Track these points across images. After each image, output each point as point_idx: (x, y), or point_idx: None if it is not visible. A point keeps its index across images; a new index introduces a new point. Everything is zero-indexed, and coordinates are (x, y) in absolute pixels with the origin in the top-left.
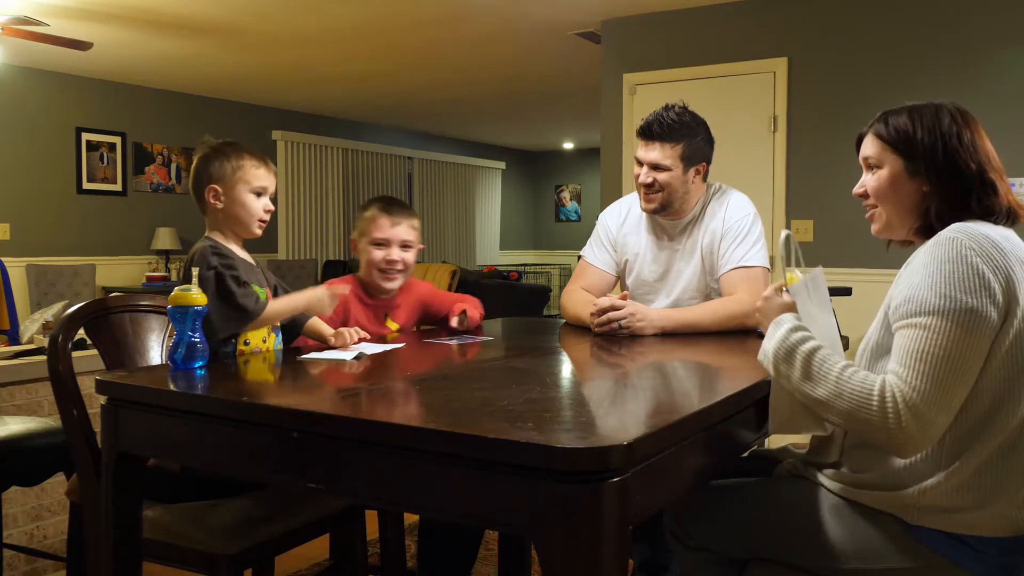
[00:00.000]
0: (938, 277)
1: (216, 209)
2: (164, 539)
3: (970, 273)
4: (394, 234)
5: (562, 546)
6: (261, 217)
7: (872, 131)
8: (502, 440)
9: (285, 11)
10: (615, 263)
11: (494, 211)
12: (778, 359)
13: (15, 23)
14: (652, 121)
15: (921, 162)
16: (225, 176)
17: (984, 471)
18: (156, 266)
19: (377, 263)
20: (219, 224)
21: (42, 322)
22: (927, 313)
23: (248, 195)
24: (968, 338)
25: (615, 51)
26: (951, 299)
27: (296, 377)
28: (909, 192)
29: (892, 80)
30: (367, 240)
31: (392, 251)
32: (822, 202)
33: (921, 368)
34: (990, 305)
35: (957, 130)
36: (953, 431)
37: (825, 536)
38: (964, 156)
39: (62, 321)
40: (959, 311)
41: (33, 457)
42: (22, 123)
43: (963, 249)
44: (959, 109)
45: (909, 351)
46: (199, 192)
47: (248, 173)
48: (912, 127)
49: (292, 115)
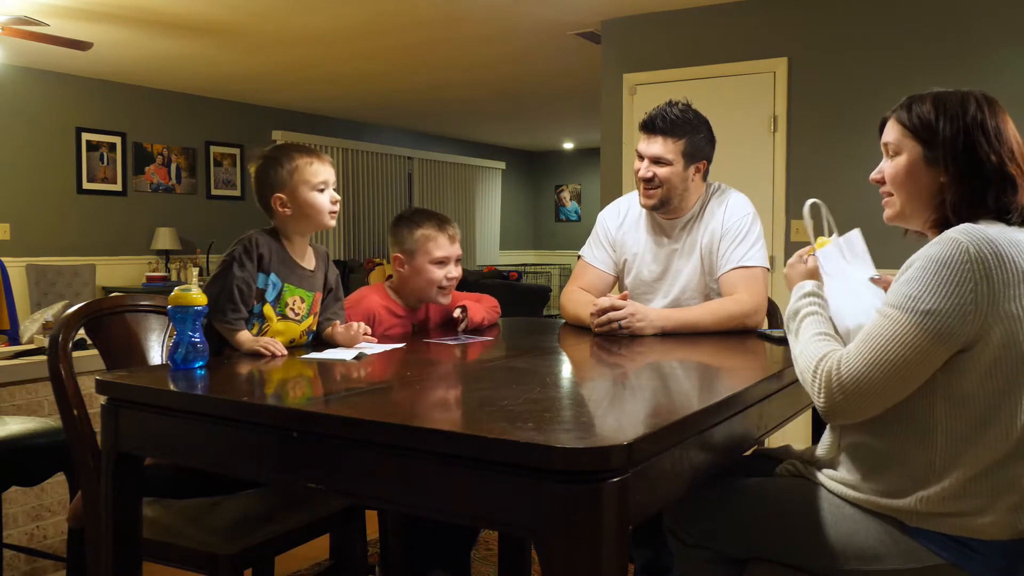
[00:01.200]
0: (920, 274)
1: (286, 215)
2: (164, 539)
3: (952, 279)
4: (453, 251)
5: (562, 546)
6: (330, 210)
7: (895, 116)
8: (502, 440)
9: (285, 11)
10: (614, 263)
11: (494, 211)
12: (788, 319)
13: (15, 23)
14: (655, 115)
15: (940, 151)
16: (285, 182)
17: (982, 479)
18: (156, 266)
19: (439, 281)
20: (288, 228)
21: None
22: (895, 306)
23: (311, 194)
24: (920, 342)
25: (615, 51)
26: (917, 299)
27: (296, 377)
28: (926, 182)
29: (892, 80)
30: (427, 259)
31: (451, 268)
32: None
33: (863, 350)
34: (956, 316)
35: (981, 119)
36: (946, 440)
37: (825, 537)
38: (985, 148)
39: (62, 321)
40: (919, 312)
41: (33, 457)
42: (22, 123)
43: (959, 253)
44: (986, 97)
45: (864, 332)
46: (265, 204)
47: (305, 173)
48: (935, 115)
49: (292, 115)
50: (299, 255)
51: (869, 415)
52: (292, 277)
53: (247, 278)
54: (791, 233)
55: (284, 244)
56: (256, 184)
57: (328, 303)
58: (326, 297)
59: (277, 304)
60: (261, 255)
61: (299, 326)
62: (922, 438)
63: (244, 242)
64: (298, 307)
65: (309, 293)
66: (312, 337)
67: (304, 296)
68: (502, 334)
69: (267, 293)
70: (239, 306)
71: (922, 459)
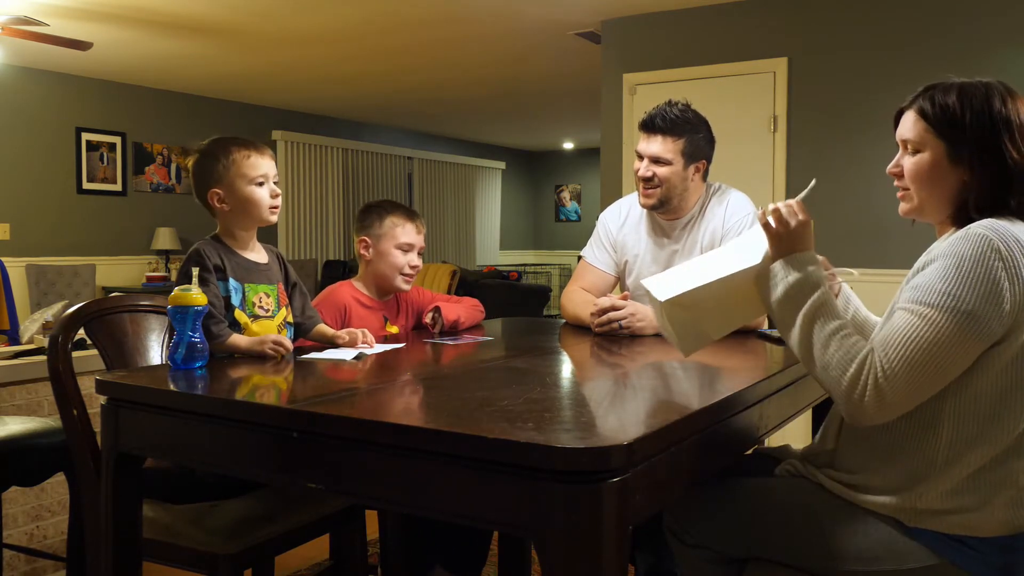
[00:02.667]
0: (953, 272)
1: (225, 212)
2: (164, 539)
3: (986, 278)
4: (419, 240)
5: (562, 546)
6: (270, 204)
7: (915, 108)
8: (502, 440)
9: (285, 11)
10: (615, 263)
11: (494, 211)
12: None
13: (15, 23)
14: (655, 115)
15: (966, 149)
16: (221, 177)
17: (981, 475)
18: (156, 266)
19: (402, 267)
20: (229, 225)
21: (42, 322)
22: (929, 304)
23: (249, 188)
24: (959, 341)
25: (615, 51)
26: (957, 298)
27: (296, 377)
28: (950, 180)
29: (892, 80)
30: (392, 244)
31: (414, 256)
32: (822, 202)
33: (903, 353)
34: (995, 316)
35: (1007, 115)
36: (952, 436)
37: (825, 537)
38: (1010, 146)
39: (62, 321)
40: (960, 312)
41: (33, 457)
42: (22, 123)
43: (989, 250)
44: (1008, 89)
45: (900, 332)
46: (203, 199)
47: (243, 166)
48: (960, 109)
49: (292, 115)
50: (248, 251)
51: (896, 416)
52: (249, 275)
53: (214, 290)
54: None
55: (230, 244)
56: (193, 180)
57: (294, 298)
58: (290, 292)
59: (245, 306)
60: (216, 265)
61: (273, 321)
62: (926, 433)
63: (194, 258)
64: (265, 303)
65: (271, 286)
66: (292, 332)
67: (268, 291)
68: (502, 334)
69: (232, 299)
70: (219, 317)
71: (925, 454)
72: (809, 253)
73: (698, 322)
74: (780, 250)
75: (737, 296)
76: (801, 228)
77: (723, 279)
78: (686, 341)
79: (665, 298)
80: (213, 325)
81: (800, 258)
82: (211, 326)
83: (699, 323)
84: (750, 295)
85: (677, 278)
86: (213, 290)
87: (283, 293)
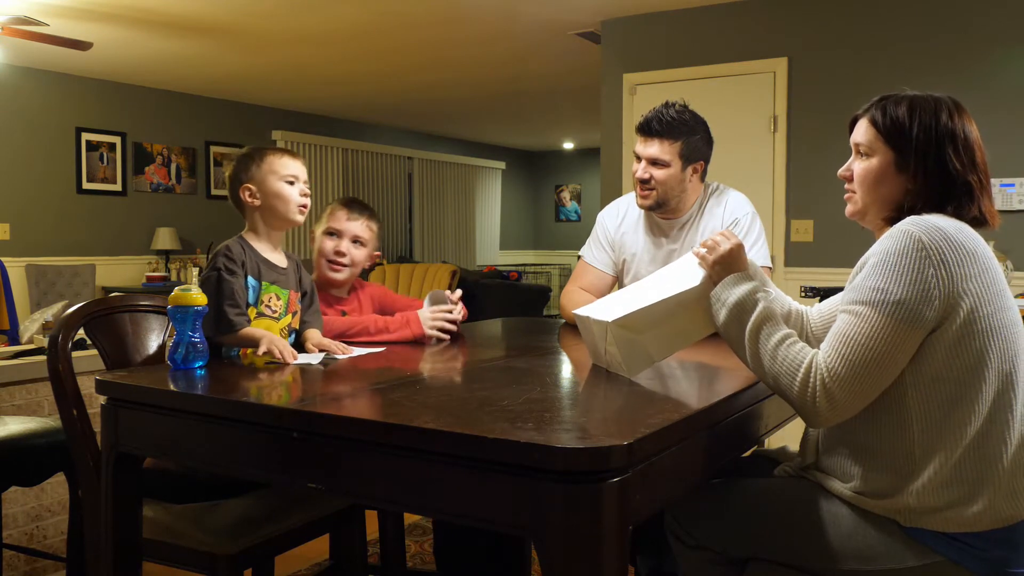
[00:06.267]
0: (880, 268)
1: (254, 207)
2: (164, 539)
3: (911, 267)
4: (348, 227)
5: (562, 546)
6: (299, 203)
7: (868, 116)
8: (502, 440)
9: (285, 11)
10: (613, 263)
11: (494, 211)
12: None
13: (15, 23)
14: (652, 117)
15: (911, 158)
16: (254, 174)
17: (963, 464)
18: (156, 266)
19: (326, 253)
20: (257, 223)
21: (42, 322)
22: (862, 302)
23: (280, 184)
24: (894, 332)
25: (615, 51)
26: (885, 291)
27: (296, 377)
28: (893, 187)
29: (892, 80)
30: (321, 230)
31: (342, 243)
32: (822, 202)
33: (843, 352)
34: (923, 302)
35: (952, 128)
36: (922, 425)
37: (824, 536)
38: (954, 158)
39: (62, 321)
40: (889, 303)
41: (33, 457)
42: (22, 123)
43: (911, 242)
44: (955, 103)
45: (839, 333)
46: (235, 196)
47: (275, 164)
48: (909, 121)
49: (292, 115)
50: (271, 254)
51: (853, 413)
52: (267, 275)
53: (239, 281)
54: (791, 233)
55: (255, 245)
56: (229, 182)
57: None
58: (303, 301)
59: (256, 304)
60: (242, 261)
61: (277, 323)
62: (899, 429)
63: (223, 253)
64: (274, 304)
65: (284, 291)
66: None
67: (279, 293)
68: (502, 334)
69: (248, 295)
70: (240, 306)
71: (901, 449)
72: (743, 272)
73: (644, 344)
74: (718, 276)
75: (679, 319)
76: (736, 250)
77: (665, 300)
78: (632, 362)
79: (613, 319)
80: (234, 314)
81: (735, 279)
82: (231, 315)
83: (645, 344)
84: (693, 317)
85: (619, 302)
86: (240, 282)
87: (295, 302)
